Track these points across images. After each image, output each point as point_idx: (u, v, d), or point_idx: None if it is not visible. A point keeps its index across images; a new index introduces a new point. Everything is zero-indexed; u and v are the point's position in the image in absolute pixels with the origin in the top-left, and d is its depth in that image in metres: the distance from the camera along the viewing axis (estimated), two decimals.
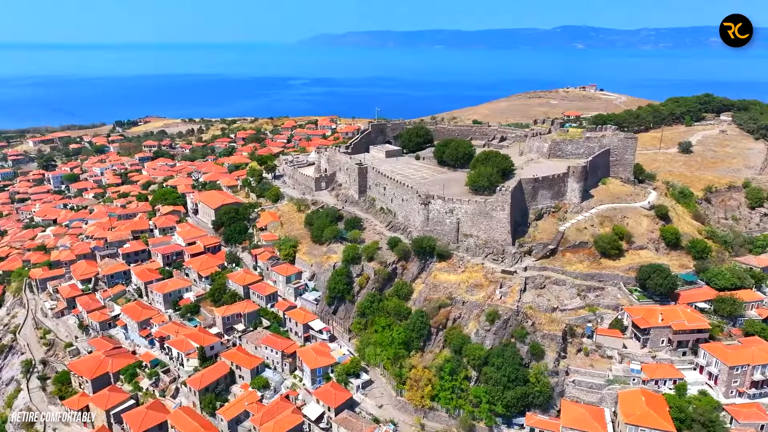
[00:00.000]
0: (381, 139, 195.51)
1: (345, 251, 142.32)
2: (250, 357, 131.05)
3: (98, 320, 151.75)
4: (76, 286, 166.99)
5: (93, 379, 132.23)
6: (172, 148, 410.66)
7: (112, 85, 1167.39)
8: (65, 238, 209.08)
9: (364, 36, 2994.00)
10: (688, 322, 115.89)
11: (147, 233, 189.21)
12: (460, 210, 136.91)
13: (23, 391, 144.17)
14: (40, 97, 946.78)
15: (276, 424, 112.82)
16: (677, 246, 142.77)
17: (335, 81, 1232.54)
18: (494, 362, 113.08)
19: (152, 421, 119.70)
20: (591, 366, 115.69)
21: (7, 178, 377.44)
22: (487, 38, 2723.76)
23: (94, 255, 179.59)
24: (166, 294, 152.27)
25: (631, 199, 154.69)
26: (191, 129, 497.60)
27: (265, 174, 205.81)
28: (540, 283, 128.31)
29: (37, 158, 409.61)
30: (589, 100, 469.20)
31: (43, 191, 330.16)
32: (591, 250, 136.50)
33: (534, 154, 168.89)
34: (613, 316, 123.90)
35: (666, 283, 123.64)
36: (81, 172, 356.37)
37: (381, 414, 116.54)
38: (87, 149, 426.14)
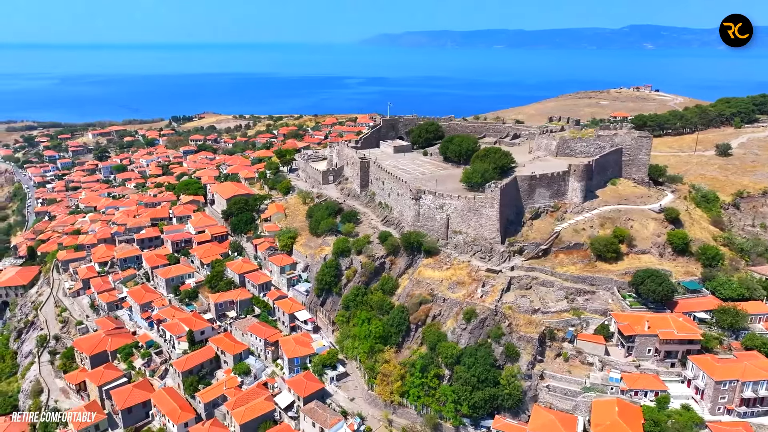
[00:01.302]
0: (392, 134, 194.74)
1: (335, 244, 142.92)
2: (235, 343, 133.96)
3: (106, 301, 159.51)
4: (93, 268, 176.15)
5: (92, 355, 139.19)
6: (216, 143, 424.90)
7: (179, 83, 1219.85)
8: (97, 224, 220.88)
9: (422, 36, 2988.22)
10: (678, 332, 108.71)
11: (166, 221, 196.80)
12: (450, 206, 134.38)
13: (35, 363, 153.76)
14: (107, 94, 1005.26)
15: (247, 409, 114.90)
16: (685, 252, 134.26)
17: (389, 80, 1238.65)
18: (466, 362, 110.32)
19: (136, 399, 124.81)
20: (568, 372, 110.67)
21: (65, 168, 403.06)
22: (550, 38, 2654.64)
23: (113, 240, 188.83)
24: (169, 279, 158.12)
25: (642, 201, 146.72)
26: (239, 125, 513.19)
27: (282, 167, 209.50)
28: (526, 284, 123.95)
29: (94, 150, 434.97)
30: (642, 101, 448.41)
31: (93, 180, 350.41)
32: (586, 252, 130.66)
33: (542, 152, 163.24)
34: (600, 321, 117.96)
35: (660, 289, 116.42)
36: (129, 163, 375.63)
37: (351, 407, 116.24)
38: (139, 142, 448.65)
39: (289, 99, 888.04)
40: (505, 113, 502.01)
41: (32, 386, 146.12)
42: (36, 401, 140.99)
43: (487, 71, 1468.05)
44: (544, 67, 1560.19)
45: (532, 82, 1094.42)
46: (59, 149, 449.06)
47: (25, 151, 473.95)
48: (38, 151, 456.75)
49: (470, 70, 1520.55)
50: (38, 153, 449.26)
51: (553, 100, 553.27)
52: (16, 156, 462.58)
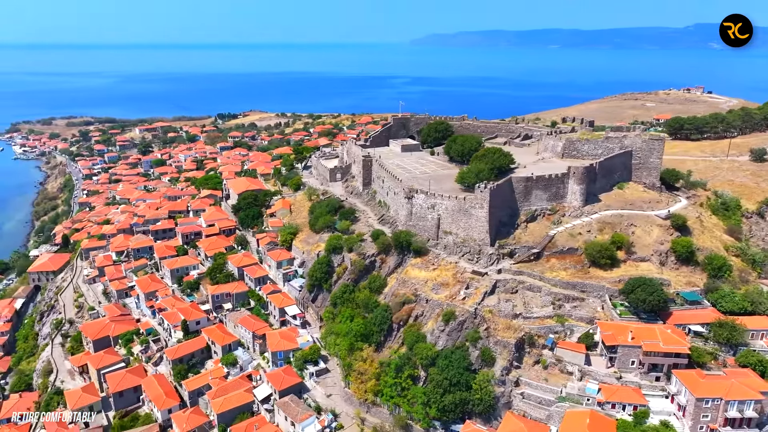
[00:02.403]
0: (403, 133, 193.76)
1: (328, 241, 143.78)
2: (225, 335, 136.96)
3: (117, 288, 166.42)
4: (110, 257, 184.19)
5: (95, 340, 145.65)
6: (253, 140, 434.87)
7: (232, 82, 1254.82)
8: (124, 215, 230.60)
9: (476, 36, 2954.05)
10: (664, 344, 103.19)
11: (183, 214, 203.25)
12: (441, 206, 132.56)
13: (49, 345, 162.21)
14: (162, 91, 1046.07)
15: (225, 400, 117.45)
16: (690, 261, 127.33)
17: (436, 80, 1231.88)
18: (440, 364, 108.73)
19: (128, 384, 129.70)
20: (545, 380, 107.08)
21: (112, 161, 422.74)
22: (608, 38, 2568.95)
23: (132, 230, 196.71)
24: (174, 270, 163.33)
25: (649, 207, 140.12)
26: (279, 123, 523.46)
27: (297, 164, 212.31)
28: (512, 288, 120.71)
29: (138, 144, 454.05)
30: (691, 103, 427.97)
31: (134, 173, 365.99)
32: (580, 258, 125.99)
33: (548, 153, 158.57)
34: (586, 329, 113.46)
35: (651, 299, 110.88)
36: (168, 158, 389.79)
37: (327, 403, 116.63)
38: (181, 138, 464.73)
39: (334, 98, 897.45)
40: (545, 114, 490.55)
41: (44, 366, 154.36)
42: (45, 380, 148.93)
43: (539, 72, 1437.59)
44: (599, 67, 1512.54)
45: (585, 83, 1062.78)
46: (108, 143, 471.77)
47: (79, 144, 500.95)
48: (90, 145, 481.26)
49: (522, 70, 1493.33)
50: (89, 147, 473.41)
51: (597, 102, 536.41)
52: (71, 149, 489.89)
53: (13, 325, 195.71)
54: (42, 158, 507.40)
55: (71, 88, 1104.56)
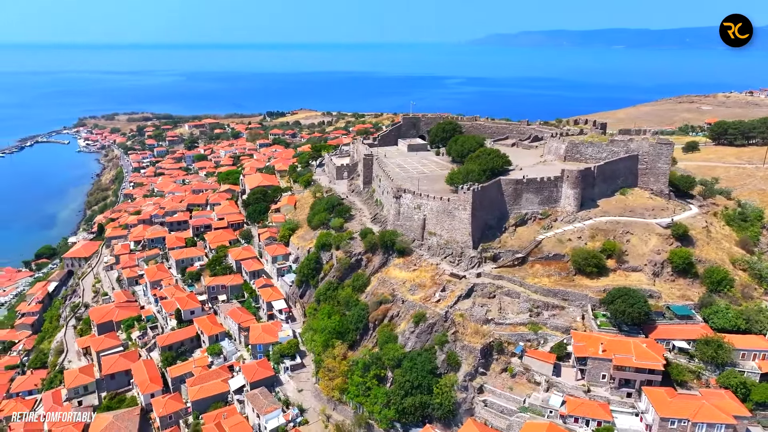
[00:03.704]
0: (413, 132, 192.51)
1: (318, 238, 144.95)
2: (214, 325, 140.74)
3: (128, 276, 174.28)
4: (128, 245, 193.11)
5: (99, 324, 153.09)
6: (293, 138, 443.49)
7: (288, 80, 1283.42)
8: (152, 207, 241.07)
9: (538, 36, 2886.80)
10: (636, 359, 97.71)
11: (201, 207, 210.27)
12: (426, 206, 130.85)
13: (64, 327, 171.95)
14: (221, 89, 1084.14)
15: (201, 388, 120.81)
16: (688, 273, 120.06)
17: (491, 81, 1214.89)
18: (405, 365, 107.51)
19: (120, 367, 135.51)
20: (510, 389, 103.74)
21: (160, 155, 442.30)
22: (678, 38, 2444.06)
23: (151, 221, 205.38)
24: (179, 260, 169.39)
25: (652, 215, 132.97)
26: (322, 121, 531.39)
27: (312, 162, 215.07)
28: (489, 292, 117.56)
29: (186, 140, 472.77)
30: (753, 106, 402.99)
31: (176, 167, 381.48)
32: (565, 265, 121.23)
33: (551, 155, 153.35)
34: (560, 339, 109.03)
35: (632, 311, 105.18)
36: (210, 153, 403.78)
37: (297, 398, 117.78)
38: (226, 134, 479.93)
39: (384, 97, 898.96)
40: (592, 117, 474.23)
41: (56, 346, 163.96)
42: (55, 359, 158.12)
43: (598, 73, 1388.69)
44: (664, 69, 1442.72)
45: (645, 84, 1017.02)
46: (159, 138, 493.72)
47: (134, 139, 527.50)
48: (143, 139, 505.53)
49: (581, 71, 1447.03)
50: (142, 141, 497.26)
51: (649, 105, 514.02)
52: (126, 143, 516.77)
53: (44, 306, 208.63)
54: (102, 151, 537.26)
55: (138, 85, 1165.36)
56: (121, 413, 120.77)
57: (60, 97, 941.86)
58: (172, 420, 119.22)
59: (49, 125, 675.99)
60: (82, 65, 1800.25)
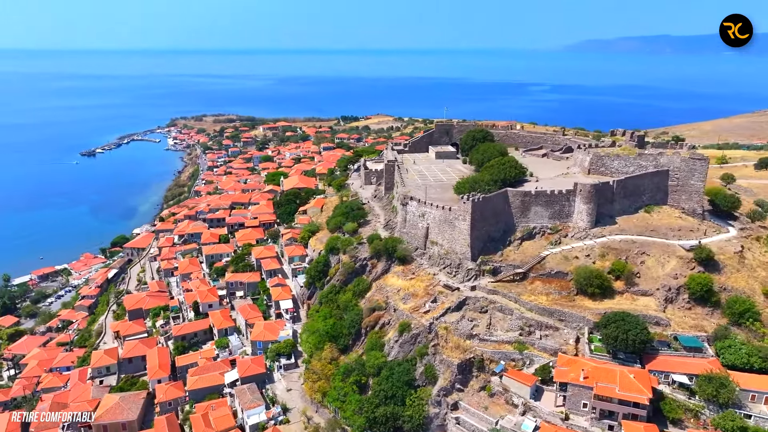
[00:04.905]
0: (446, 140, 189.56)
1: (327, 241, 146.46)
2: (224, 319, 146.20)
3: (165, 268, 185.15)
4: (171, 239, 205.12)
5: (129, 310, 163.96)
6: (358, 142, 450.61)
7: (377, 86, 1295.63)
8: (203, 204, 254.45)
9: (637, 41, 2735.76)
10: (620, 390, 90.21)
11: (243, 206, 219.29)
12: (430, 215, 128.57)
13: (107, 311, 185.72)
14: (308, 93, 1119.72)
15: (199, 379, 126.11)
16: (707, 301, 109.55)
17: (579, 89, 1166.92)
18: (383, 374, 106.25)
19: (137, 352, 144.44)
20: (485, 408, 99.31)
21: (233, 156, 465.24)
22: None
23: (196, 217, 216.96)
24: (208, 255, 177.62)
25: (678, 236, 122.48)
26: (392, 126, 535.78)
27: (350, 166, 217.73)
28: (482, 307, 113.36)
29: (258, 141, 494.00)
30: None
31: (244, 167, 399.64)
32: (568, 283, 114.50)
33: (576, 168, 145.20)
34: (547, 361, 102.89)
35: (626, 337, 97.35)
36: (276, 155, 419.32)
37: (284, 397, 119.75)
38: (295, 137, 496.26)
39: (465, 104, 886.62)
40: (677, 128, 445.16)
41: (97, 328, 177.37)
42: (93, 340, 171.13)
43: (701, 81, 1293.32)
44: None
45: (753, 94, 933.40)
46: (236, 139, 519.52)
47: (215, 139, 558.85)
48: (221, 140, 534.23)
49: (681, 79, 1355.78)
50: (219, 142, 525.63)
51: (744, 116, 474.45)
52: (208, 143, 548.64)
53: (102, 290, 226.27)
54: (186, 150, 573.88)
55: (229, 88, 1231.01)
56: (128, 395, 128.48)
57: (158, 99, 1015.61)
58: (171, 406, 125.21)
59: (145, 124, 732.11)
60: (172, 69, 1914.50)
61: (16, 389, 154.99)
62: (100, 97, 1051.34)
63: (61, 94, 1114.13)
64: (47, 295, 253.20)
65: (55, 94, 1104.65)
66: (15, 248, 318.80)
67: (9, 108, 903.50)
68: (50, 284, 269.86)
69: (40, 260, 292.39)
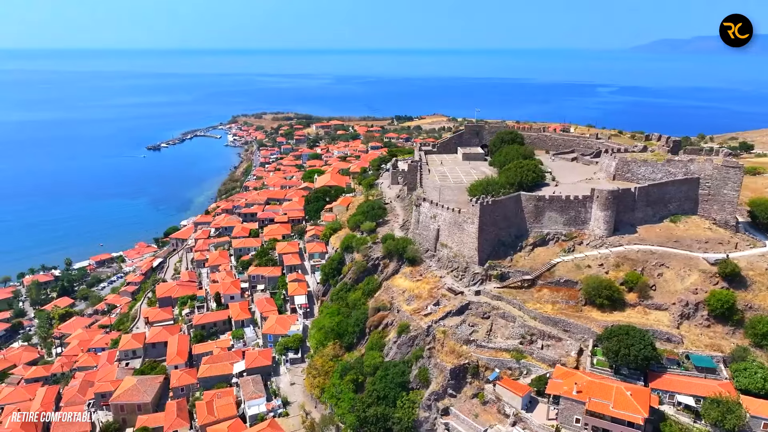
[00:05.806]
0: (476, 141, 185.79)
1: (343, 240, 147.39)
2: (242, 311, 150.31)
3: (197, 259, 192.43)
4: (207, 231, 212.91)
5: (159, 298, 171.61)
6: (406, 141, 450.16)
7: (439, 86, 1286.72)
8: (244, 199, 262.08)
9: (715, 41, 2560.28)
10: (614, 407, 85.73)
11: (278, 202, 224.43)
12: (441, 217, 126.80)
13: (143, 298, 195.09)
14: (364, 92, 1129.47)
15: (210, 367, 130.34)
16: (728, 320, 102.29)
17: (648, 90, 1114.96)
18: (378, 375, 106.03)
19: (160, 338, 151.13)
20: (476, 416, 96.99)
21: (285, 153, 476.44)
22: None
23: (233, 211, 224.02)
24: (236, 249, 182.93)
25: (704, 248, 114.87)
26: (443, 127, 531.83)
27: (383, 165, 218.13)
28: (484, 312, 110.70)
29: (309, 139, 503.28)
30: None
31: (293, 164, 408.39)
32: (576, 293, 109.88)
33: (602, 173, 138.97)
34: (545, 372, 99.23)
35: (628, 353, 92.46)
36: (325, 153, 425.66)
37: (287, 390, 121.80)
38: (346, 136, 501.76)
39: (527, 105, 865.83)
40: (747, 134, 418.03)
41: (132, 314, 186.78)
42: (128, 324, 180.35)
43: None
44: None
45: None
46: (289, 137, 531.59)
47: (270, 137, 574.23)
48: (276, 137, 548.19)
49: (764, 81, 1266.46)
50: (274, 139, 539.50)
51: None
52: (264, 140, 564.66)
53: (146, 277, 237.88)
54: (244, 146, 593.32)
55: (293, 87, 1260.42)
56: (145, 378, 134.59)
57: (222, 96, 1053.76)
58: (183, 392, 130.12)
59: (208, 121, 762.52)
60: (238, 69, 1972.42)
61: (56, 366, 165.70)
62: (167, 94, 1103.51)
63: (131, 91, 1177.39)
64: (101, 280, 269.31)
65: (127, 91, 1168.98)
66: (80, 234, 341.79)
67: (83, 103, 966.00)
68: (105, 270, 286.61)
69: (100, 247, 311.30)
